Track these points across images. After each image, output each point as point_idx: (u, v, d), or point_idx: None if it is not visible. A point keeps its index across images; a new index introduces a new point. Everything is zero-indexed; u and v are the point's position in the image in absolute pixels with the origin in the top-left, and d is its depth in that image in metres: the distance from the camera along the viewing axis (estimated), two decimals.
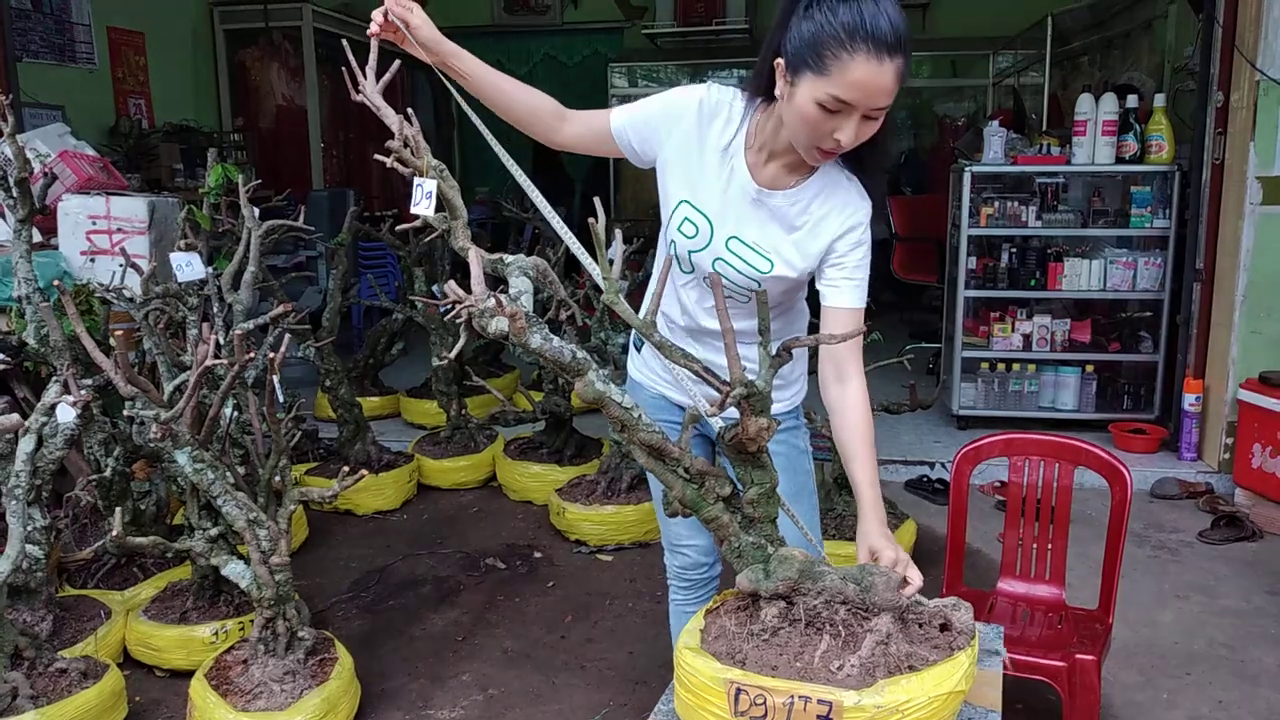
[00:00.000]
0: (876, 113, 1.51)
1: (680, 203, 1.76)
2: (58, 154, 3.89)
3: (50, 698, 2.24)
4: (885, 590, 1.40)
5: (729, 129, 1.72)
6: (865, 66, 1.45)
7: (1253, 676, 2.66)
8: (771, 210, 1.71)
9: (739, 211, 1.73)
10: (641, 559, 3.46)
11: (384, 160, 1.53)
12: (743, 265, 1.74)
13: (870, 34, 1.44)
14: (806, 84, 1.50)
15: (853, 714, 1.25)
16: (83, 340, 2.14)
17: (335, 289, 4.06)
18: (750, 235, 1.73)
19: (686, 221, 1.75)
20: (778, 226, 1.72)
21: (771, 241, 1.72)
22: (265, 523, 2.30)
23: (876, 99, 1.48)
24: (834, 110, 1.49)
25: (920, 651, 1.34)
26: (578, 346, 1.40)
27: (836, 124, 1.51)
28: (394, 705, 2.57)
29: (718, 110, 1.73)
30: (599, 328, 3.72)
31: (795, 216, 1.71)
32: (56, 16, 5.66)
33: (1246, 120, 3.89)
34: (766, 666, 1.35)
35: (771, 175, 1.71)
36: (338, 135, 7.85)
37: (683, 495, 1.47)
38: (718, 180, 1.73)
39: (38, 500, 2.55)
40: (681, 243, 1.77)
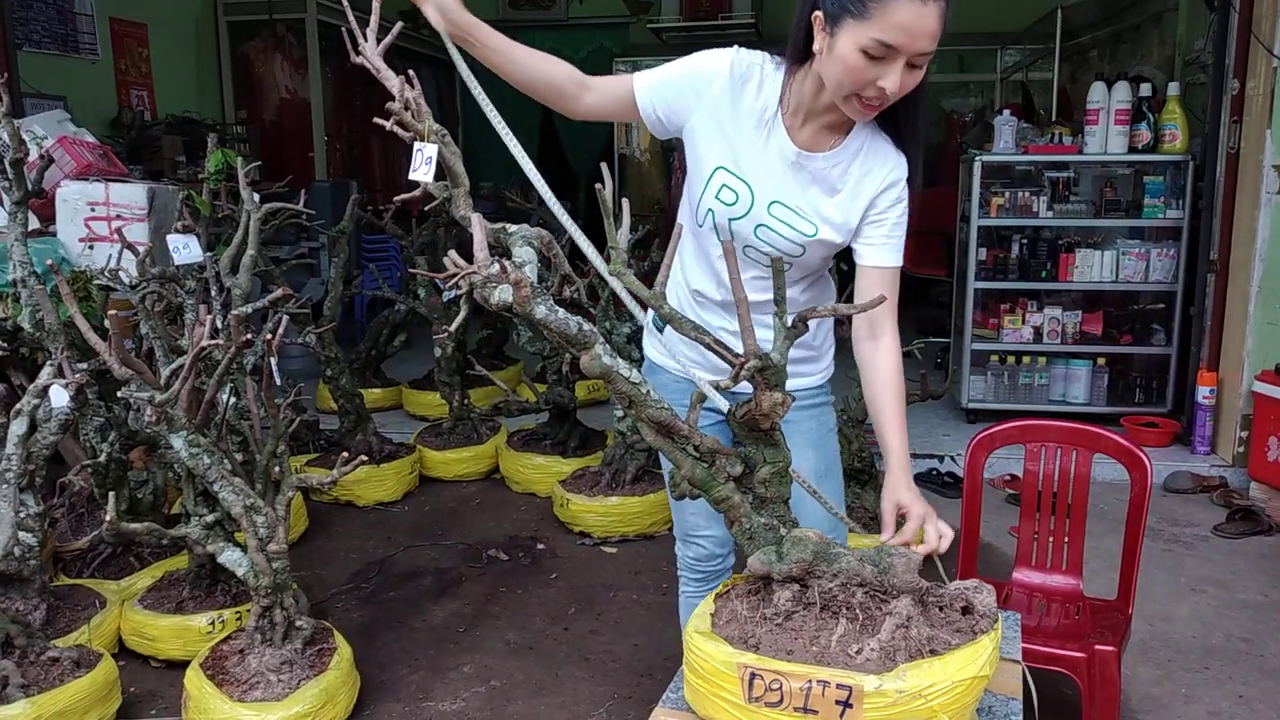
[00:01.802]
0: (920, 59, 1.48)
1: (717, 169, 1.69)
2: (57, 139, 3.85)
3: (42, 687, 2.19)
4: (904, 572, 1.34)
5: (764, 92, 1.67)
6: (908, 7, 1.42)
7: (1273, 671, 2.60)
8: (812, 173, 1.67)
9: (779, 176, 1.67)
10: (646, 551, 3.40)
11: (385, 124, 1.48)
12: (787, 230, 1.68)
13: None
14: (848, 31, 1.46)
15: (873, 699, 1.19)
16: (77, 323, 2.10)
17: (336, 278, 4.02)
18: (793, 199, 1.68)
19: (725, 188, 1.69)
20: (819, 189, 1.67)
21: (814, 205, 1.68)
22: (263, 509, 2.25)
23: (920, 42, 1.45)
24: (878, 56, 1.45)
25: (942, 635, 1.28)
26: (584, 320, 1.35)
27: (880, 71, 1.47)
28: (394, 696, 2.52)
29: (749, 73, 1.67)
30: (604, 316, 3.67)
31: (836, 179, 1.67)
32: (59, 6, 5.62)
33: (1263, 108, 3.83)
34: (781, 651, 1.29)
35: (810, 137, 1.66)
36: (341, 128, 7.80)
37: (692, 474, 1.41)
38: (755, 144, 1.67)
39: (31, 486, 2.50)
40: (720, 210, 1.71)
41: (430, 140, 1.46)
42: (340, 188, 6.39)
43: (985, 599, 1.35)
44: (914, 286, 6.92)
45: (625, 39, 9.19)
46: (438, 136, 1.45)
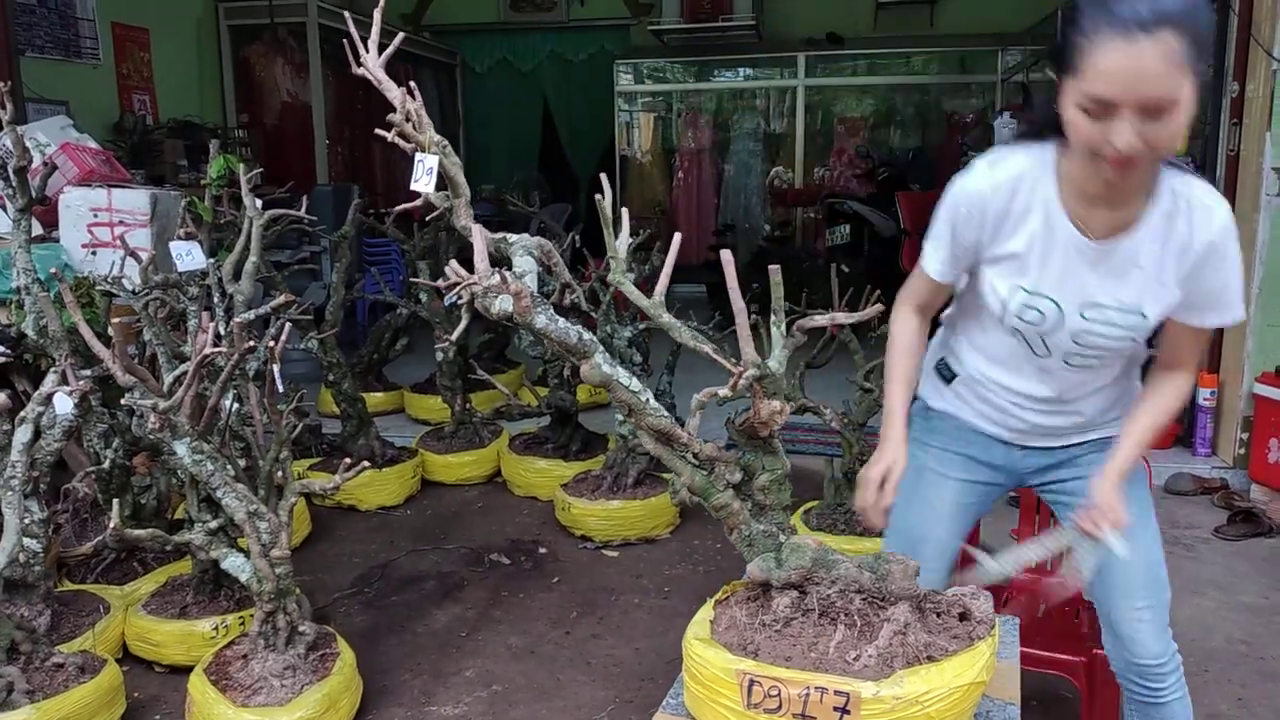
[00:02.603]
0: (1153, 104, 1.28)
1: (1013, 291, 1.58)
2: (59, 146, 3.86)
3: (47, 692, 2.20)
4: (902, 578, 1.35)
5: (1036, 195, 1.53)
6: (1114, 53, 1.27)
7: (1272, 673, 2.60)
8: (1122, 258, 1.51)
9: (1082, 278, 1.53)
10: (647, 555, 3.41)
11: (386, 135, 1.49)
12: (1110, 329, 1.55)
13: (1115, 15, 1.26)
14: (1068, 91, 1.36)
15: (871, 705, 1.20)
16: (81, 330, 2.11)
17: (338, 282, 4.03)
18: (1106, 296, 1.53)
19: (1026, 309, 1.58)
20: (1137, 273, 1.51)
21: (1134, 293, 1.52)
22: (266, 515, 2.26)
23: (1137, 87, 1.27)
24: (1099, 113, 1.32)
25: (939, 641, 1.30)
26: (584, 329, 1.36)
27: (1106, 128, 1.32)
28: (396, 701, 2.53)
29: (1013, 190, 1.54)
30: (605, 321, 3.68)
31: (1153, 256, 1.49)
32: (61, 11, 5.64)
33: (1263, 110, 3.83)
34: (780, 657, 1.31)
35: (1105, 222, 1.49)
36: (343, 132, 7.82)
37: (692, 482, 1.43)
38: (1045, 254, 1.54)
39: (36, 493, 2.51)
40: (1029, 329, 1.60)
41: (431, 151, 1.47)
42: (342, 192, 6.40)
43: (982, 605, 1.36)
44: None
45: (626, 40, 9.20)
46: (439, 148, 1.47)
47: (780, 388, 1.37)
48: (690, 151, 9.41)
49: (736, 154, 9.44)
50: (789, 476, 1.50)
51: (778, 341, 1.40)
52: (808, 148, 9.16)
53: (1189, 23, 1.25)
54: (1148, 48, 1.25)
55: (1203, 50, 1.29)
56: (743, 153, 9.42)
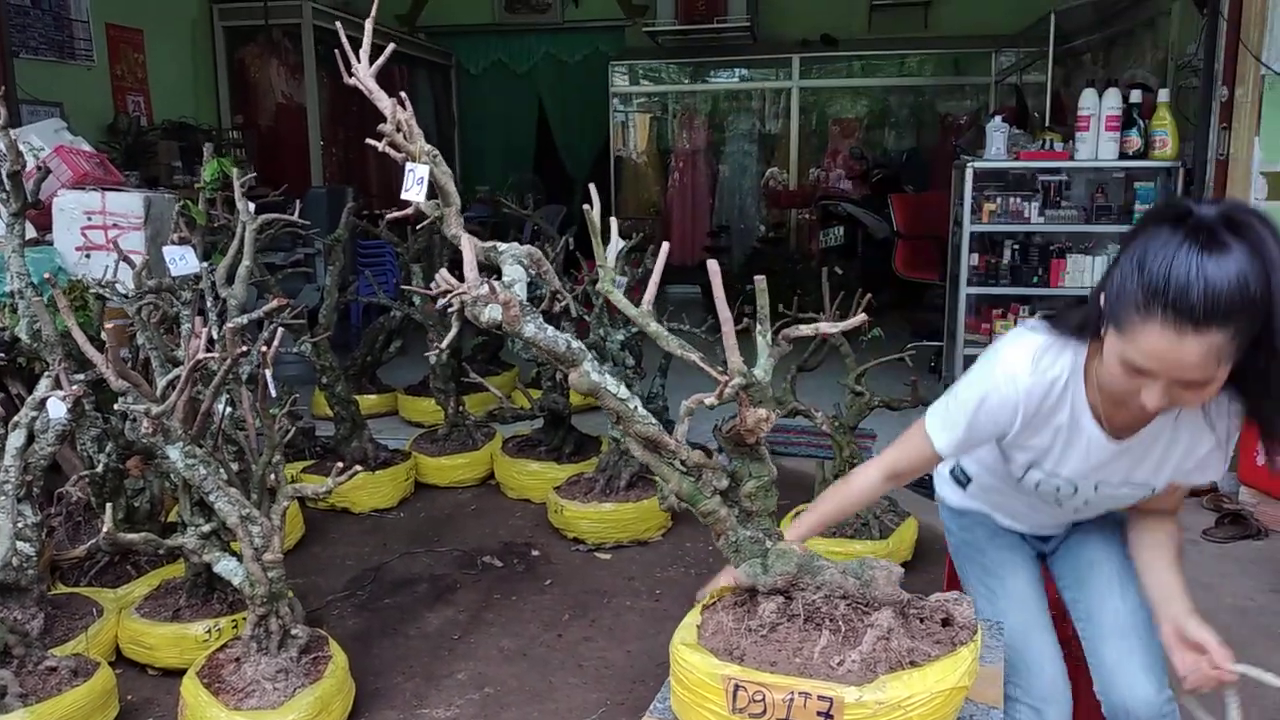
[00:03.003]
0: (1188, 383, 1.32)
1: (1029, 469, 1.68)
2: (53, 149, 3.87)
3: (40, 696, 2.21)
4: (886, 584, 1.37)
5: (1064, 401, 1.57)
6: (1160, 337, 1.28)
7: None
8: (1140, 449, 1.58)
9: (1100, 466, 1.62)
10: (640, 557, 3.43)
11: (376, 145, 1.50)
12: (1122, 497, 1.68)
13: (1171, 302, 1.25)
14: (1111, 337, 1.39)
15: (854, 710, 1.22)
16: (74, 335, 2.12)
17: (332, 285, 4.03)
18: (1118, 477, 1.63)
19: (1043, 484, 1.69)
20: (1151, 460, 1.60)
21: (1147, 473, 1.62)
22: (258, 519, 2.27)
23: (1177, 371, 1.30)
24: (1133, 374, 1.36)
25: (922, 647, 1.31)
26: (573, 337, 1.37)
27: (1141, 384, 1.37)
28: (389, 704, 2.54)
29: (1046, 391, 1.56)
30: (597, 324, 3.70)
31: (1165, 444, 1.57)
32: (55, 13, 5.64)
33: (1252, 115, 3.85)
34: (765, 663, 1.32)
35: (1127, 419, 1.54)
36: (337, 133, 7.82)
37: (679, 488, 1.44)
38: (1067, 447, 1.61)
39: (29, 497, 2.52)
40: (1046, 493, 1.71)
41: (422, 161, 1.48)
42: (336, 194, 6.41)
43: (965, 611, 1.38)
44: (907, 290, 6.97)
45: (621, 42, 9.22)
46: (429, 157, 1.48)
47: (766, 396, 1.39)
48: (685, 153, 9.43)
49: (731, 155, 9.47)
50: (776, 482, 1.51)
51: (763, 350, 1.41)
52: (802, 149, 9.19)
53: (1241, 318, 1.25)
54: (1193, 343, 1.26)
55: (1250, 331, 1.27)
56: (737, 154, 9.45)
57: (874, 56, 8.98)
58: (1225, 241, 1.25)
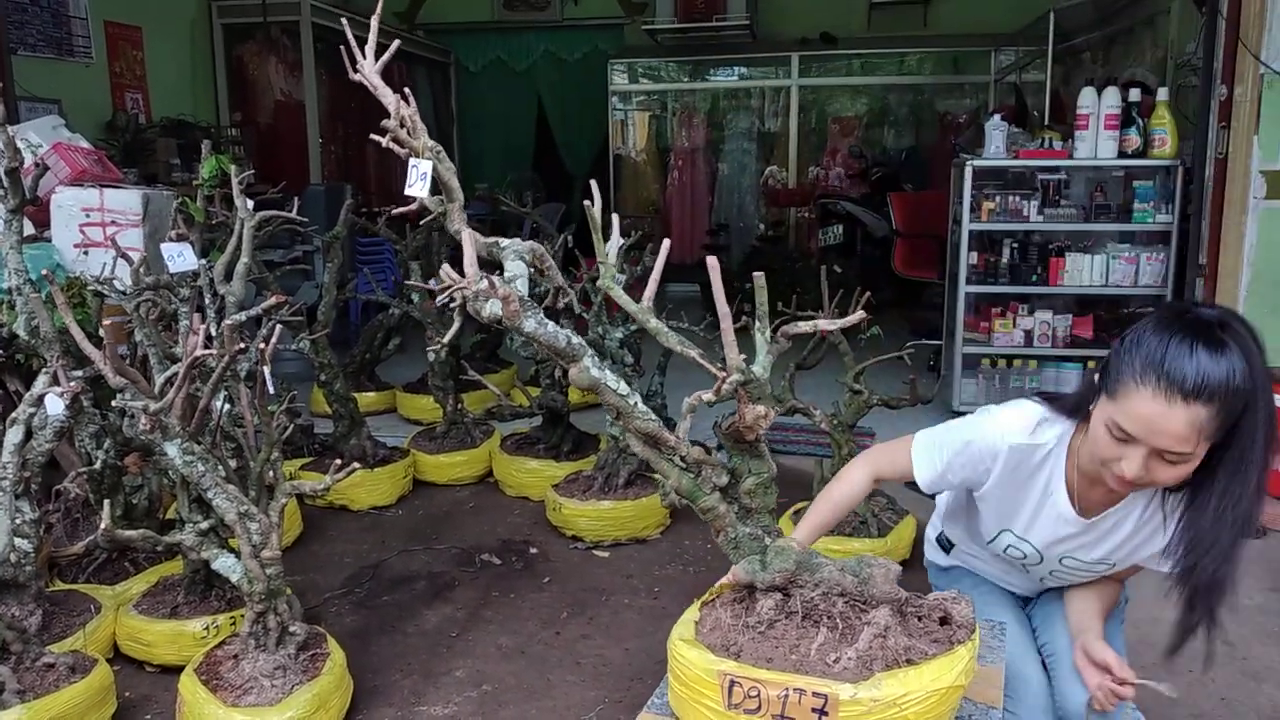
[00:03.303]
0: (1172, 456, 1.42)
1: (1001, 532, 1.79)
2: (51, 146, 3.87)
3: (37, 692, 2.20)
4: (883, 582, 1.37)
5: (1043, 469, 1.67)
6: (1150, 403, 1.40)
7: (1255, 673, 2.63)
8: (1104, 530, 1.69)
9: (1066, 539, 1.72)
10: (638, 555, 3.43)
11: (380, 140, 1.50)
12: (1084, 573, 1.79)
13: (1165, 372, 1.39)
14: (1102, 404, 1.50)
15: (848, 707, 1.22)
16: (72, 331, 2.12)
17: (331, 283, 4.03)
18: (1083, 555, 1.74)
19: (1011, 548, 1.80)
20: (1114, 540, 1.70)
21: (1106, 552, 1.72)
22: (256, 516, 2.27)
23: (1160, 440, 1.41)
24: (1119, 438, 1.46)
25: (919, 645, 1.31)
26: (573, 332, 1.37)
27: (1122, 453, 1.46)
28: (387, 701, 2.54)
29: (1029, 453, 1.67)
30: (596, 321, 3.69)
31: (1133, 529, 1.67)
32: (54, 10, 5.64)
33: (1250, 114, 3.86)
34: (761, 659, 1.32)
35: (1100, 499, 1.65)
36: (336, 131, 7.82)
37: (679, 484, 1.44)
38: (1036, 514, 1.71)
39: (28, 493, 2.52)
40: (1013, 555, 1.82)
41: (425, 157, 1.48)
42: (334, 191, 6.41)
43: (963, 610, 1.38)
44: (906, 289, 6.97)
45: (620, 40, 9.22)
46: (432, 153, 1.48)
47: (764, 393, 1.39)
48: (684, 151, 9.43)
49: (730, 154, 9.46)
50: (776, 479, 1.51)
51: (761, 347, 1.41)
52: (801, 147, 9.19)
53: (1224, 402, 1.38)
54: (1181, 413, 1.38)
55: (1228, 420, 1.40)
56: (737, 152, 9.44)
57: (873, 55, 8.98)
58: (1221, 338, 1.39)
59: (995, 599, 2.01)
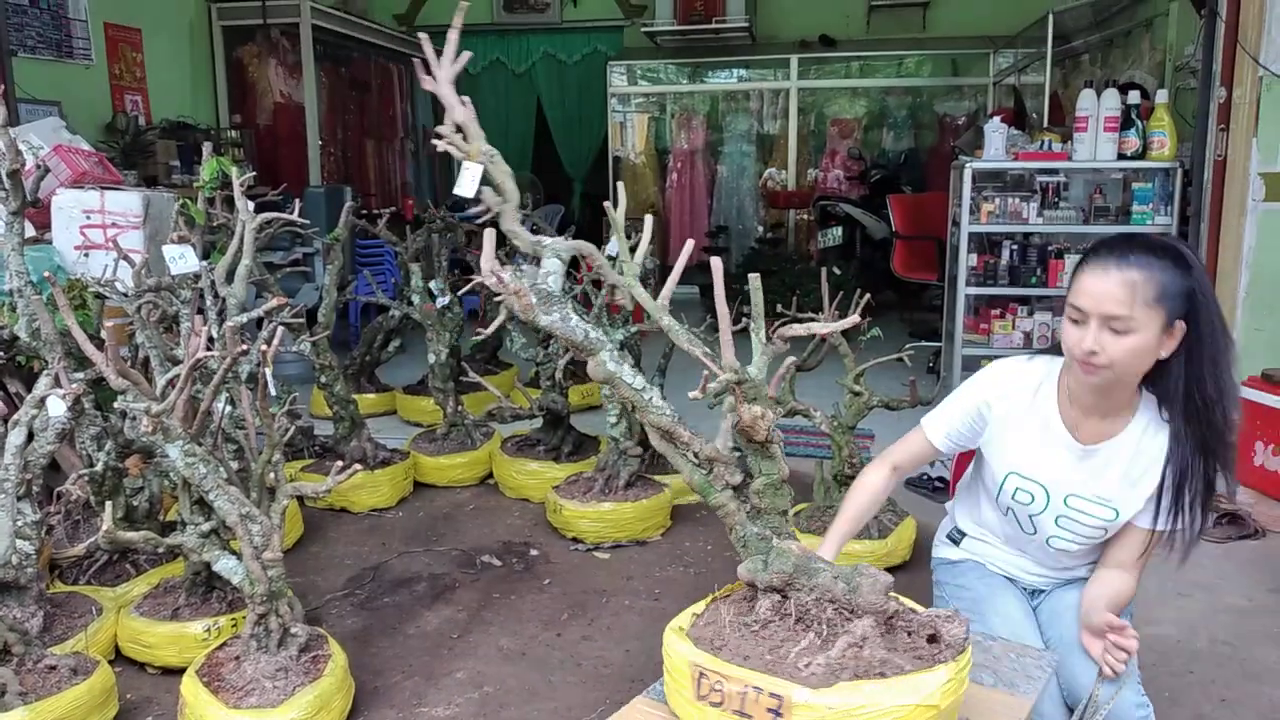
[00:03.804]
0: (1115, 323, 1.63)
1: (1008, 475, 1.88)
2: (52, 148, 3.87)
3: (39, 694, 2.21)
4: (870, 593, 1.37)
5: (1039, 399, 1.84)
6: (1091, 277, 1.65)
7: (1255, 674, 2.63)
8: (1104, 460, 1.80)
9: (1069, 471, 1.83)
10: (638, 556, 3.43)
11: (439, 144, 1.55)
12: (1087, 519, 1.84)
13: (1102, 249, 1.66)
14: (1067, 307, 1.71)
15: (802, 711, 1.24)
16: (74, 333, 2.12)
17: (331, 285, 4.04)
18: (1088, 490, 1.82)
19: (1019, 490, 1.88)
20: (1114, 474, 1.80)
21: (1111, 490, 1.81)
22: (258, 517, 2.27)
23: (1103, 304, 1.62)
24: (1077, 320, 1.67)
25: (897, 660, 1.31)
26: (592, 327, 1.39)
27: (1080, 334, 1.66)
28: (388, 703, 2.54)
29: (1020, 387, 1.87)
30: (597, 323, 3.70)
31: (1128, 461, 1.79)
32: (53, 12, 5.64)
33: (1249, 116, 3.87)
34: (740, 656, 1.35)
35: (1093, 429, 1.80)
36: (336, 133, 7.82)
37: (691, 480, 1.46)
38: (1041, 448, 1.84)
39: (29, 495, 2.52)
40: (1019, 508, 1.90)
41: (478, 160, 1.51)
42: (334, 193, 6.42)
43: (955, 630, 1.36)
44: (905, 291, 6.98)
45: (619, 42, 9.22)
46: (486, 157, 1.50)
47: (761, 393, 1.39)
48: (683, 153, 9.43)
49: (729, 156, 9.47)
50: (787, 481, 1.52)
51: (757, 348, 1.42)
52: (800, 149, 9.20)
53: (1154, 272, 1.62)
54: (1116, 276, 1.63)
55: (1167, 301, 1.62)
56: (736, 154, 9.45)
57: (872, 57, 8.99)
58: (1156, 239, 1.68)
59: (1003, 591, 2.01)
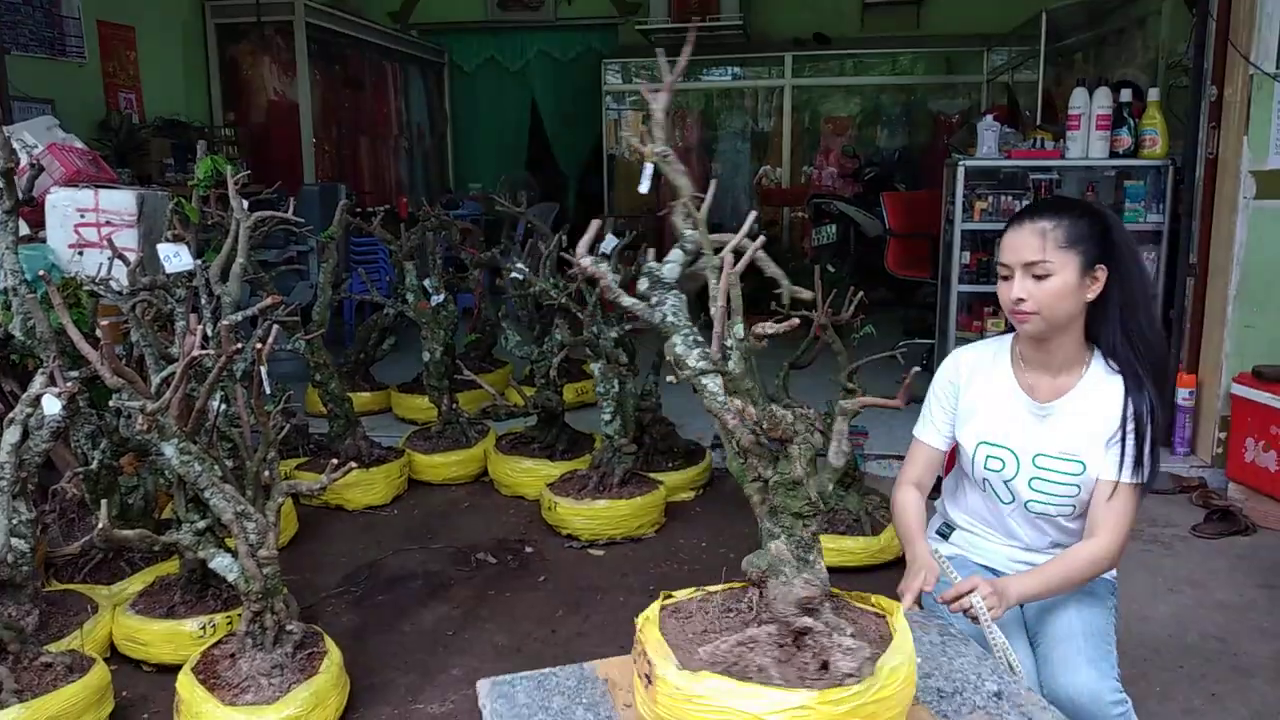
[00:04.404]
0: (1035, 268, 1.81)
1: (978, 446, 1.99)
2: (46, 146, 3.87)
3: (35, 692, 2.21)
4: (781, 601, 1.39)
5: (996, 369, 1.99)
6: (1010, 234, 1.86)
7: (1245, 669, 2.65)
8: (1063, 415, 1.91)
9: (1032, 430, 1.93)
10: (633, 554, 3.44)
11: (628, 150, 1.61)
12: (1058, 476, 1.91)
13: (1019, 213, 1.89)
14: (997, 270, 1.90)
15: (660, 682, 1.33)
16: (69, 332, 2.13)
17: (325, 283, 4.04)
18: (1054, 447, 1.91)
19: (990, 458, 1.98)
20: (1075, 428, 1.90)
21: (1075, 444, 1.89)
22: (253, 515, 2.28)
23: (1021, 253, 1.82)
24: (1005, 276, 1.86)
25: (772, 670, 1.33)
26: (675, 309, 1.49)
27: (1008, 287, 1.86)
28: (383, 700, 2.55)
29: (978, 364, 2.02)
30: (591, 321, 3.71)
31: (1086, 413, 1.89)
32: (46, 10, 5.63)
33: (1240, 114, 3.88)
34: (672, 632, 1.44)
35: (1049, 387, 1.93)
36: (330, 130, 7.81)
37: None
38: (1004, 414, 1.96)
39: (24, 493, 2.52)
40: (994, 477, 1.98)
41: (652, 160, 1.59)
42: (329, 192, 6.41)
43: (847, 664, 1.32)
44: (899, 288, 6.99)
45: (614, 40, 9.22)
46: (659, 157, 1.57)
47: (740, 388, 1.42)
48: (678, 151, 9.40)
49: (724, 153, 9.48)
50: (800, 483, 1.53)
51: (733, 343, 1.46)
52: (795, 147, 9.21)
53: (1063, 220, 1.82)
54: (1028, 227, 1.83)
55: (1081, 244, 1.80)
56: (730, 152, 9.46)
57: (866, 55, 9.00)
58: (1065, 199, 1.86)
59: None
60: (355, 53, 8.08)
